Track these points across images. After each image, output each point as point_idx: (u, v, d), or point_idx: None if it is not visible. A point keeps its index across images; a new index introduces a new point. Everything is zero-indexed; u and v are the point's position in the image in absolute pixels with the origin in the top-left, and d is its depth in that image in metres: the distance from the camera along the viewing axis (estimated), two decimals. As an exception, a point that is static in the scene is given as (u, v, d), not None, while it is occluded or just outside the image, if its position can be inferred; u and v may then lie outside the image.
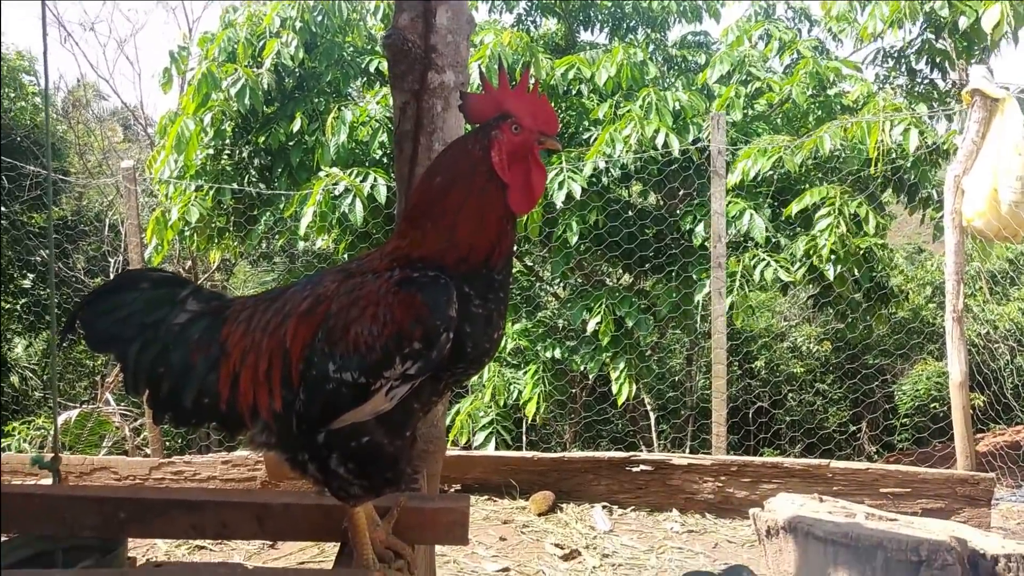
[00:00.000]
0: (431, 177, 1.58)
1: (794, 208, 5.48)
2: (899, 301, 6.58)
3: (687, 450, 6.91)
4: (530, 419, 5.78)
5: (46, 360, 9.49)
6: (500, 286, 1.55)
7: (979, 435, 6.32)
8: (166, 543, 4.05)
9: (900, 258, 9.91)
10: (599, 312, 5.68)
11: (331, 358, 1.47)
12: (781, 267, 5.45)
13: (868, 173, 5.65)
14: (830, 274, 5.32)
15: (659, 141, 5.51)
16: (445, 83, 2.40)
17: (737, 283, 5.45)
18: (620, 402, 5.71)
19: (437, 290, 1.46)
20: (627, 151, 5.59)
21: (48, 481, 3.56)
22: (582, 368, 5.94)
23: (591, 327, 5.70)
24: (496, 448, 5.53)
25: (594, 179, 5.85)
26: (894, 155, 5.51)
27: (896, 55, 7.36)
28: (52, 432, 5.78)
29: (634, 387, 5.68)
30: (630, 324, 5.65)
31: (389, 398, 1.49)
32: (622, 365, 5.66)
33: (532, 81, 1.60)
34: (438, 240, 1.51)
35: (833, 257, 5.28)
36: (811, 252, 5.43)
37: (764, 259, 5.50)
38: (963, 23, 6.03)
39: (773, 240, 5.71)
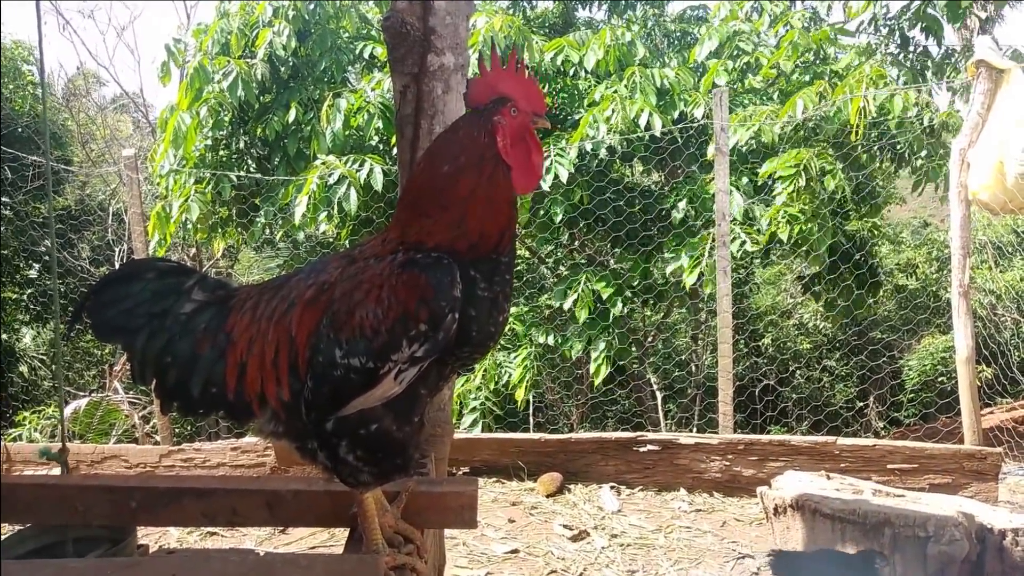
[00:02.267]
0: (436, 165, 1.56)
1: (766, 174, 5.46)
2: (888, 286, 6.54)
3: (694, 429, 6.93)
4: (519, 403, 5.75)
5: (54, 350, 9.53)
6: (506, 269, 1.56)
7: (986, 409, 6.31)
8: (178, 530, 4.09)
9: (906, 234, 9.88)
10: (576, 291, 5.68)
11: (337, 344, 1.47)
12: (748, 235, 5.42)
13: (849, 140, 5.59)
14: (784, 235, 5.28)
15: (642, 121, 5.49)
16: (445, 65, 2.38)
17: (706, 256, 5.43)
18: (596, 383, 5.69)
19: (441, 271, 1.46)
20: (611, 131, 5.56)
21: (56, 472, 3.59)
22: (569, 350, 5.90)
23: (568, 303, 5.70)
24: (482, 430, 5.53)
25: (585, 160, 5.84)
26: (878, 119, 5.46)
27: (889, 23, 7.30)
28: (60, 422, 5.81)
29: (607, 366, 5.63)
30: (605, 297, 5.62)
31: (398, 381, 1.49)
32: (602, 345, 5.64)
33: (521, 61, 1.60)
34: (448, 228, 1.51)
35: (790, 218, 5.23)
36: (772, 220, 5.39)
37: (734, 231, 5.49)
38: None
39: (751, 215, 5.68)
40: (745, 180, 5.63)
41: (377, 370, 1.46)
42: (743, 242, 5.39)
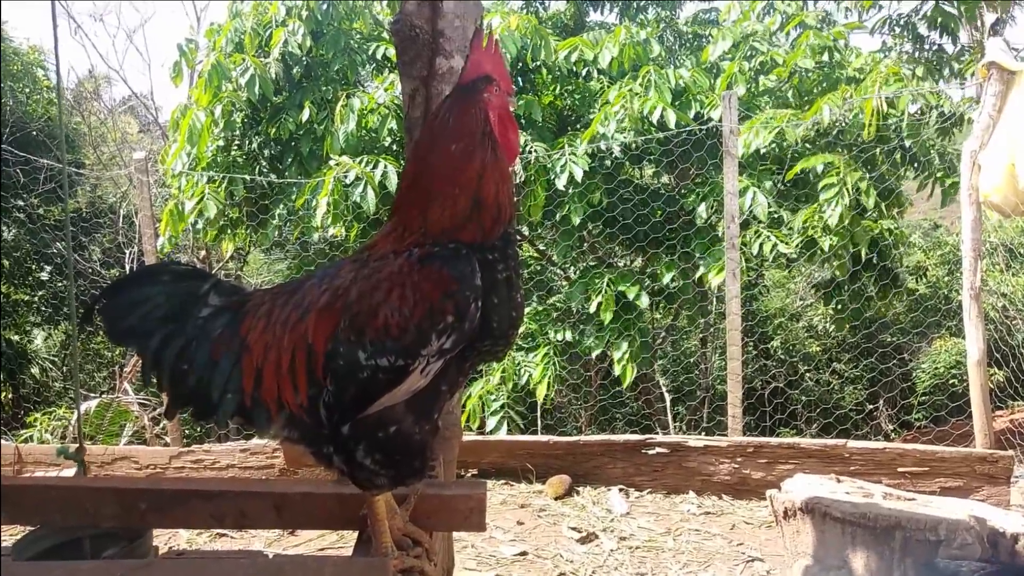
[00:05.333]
0: (444, 147, 1.56)
1: (798, 169, 5.44)
2: (904, 289, 6.51)
3: (703, 432, 6.91)
4: (541, 402, 5.74)
5: (65, 351, 9.58)
6: (515, 241, 1.59)
7: (998, 412, 6.27)
8: (188, 531, 4.09)
9: (917, 236, 9.83)
10: (599, 291, 5.67)
11: (360, 346, 1.47)
12: (780, 240, 5.42)
13: (866, 141, 5.57)
14: (825, 244, 5.29)
15: (655, 117, 5.48)
16: (454, 68, 2.38)
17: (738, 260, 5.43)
18: (625, 384, 5.69)
19: (461, 261, 1.47)
20: (622, 130, 5.56)
21: (72, 471, 3.61)
22: (588, 350, 5.90)
23: (593, 306, 5.69)
24: (508, 432, 5.52)
25: (596, 160, 5.83)
26: (891, 121, 5.44)
27: (902, 22, 7.26)
28: (75, 422, 5.85)
29: (634, 368, 5.62)
30: (631, 297, 5.62)
31: (424, 375, 1.49)
32: (624, 346, 5.63)
33: (497, 42, 1.63)
34: (467, 207, 1.52)
35: (835, 231, 5.24)
36: (809, 224, 5.39)
37: (763, 233, 5.48)
38: None
39: (776, 216, 5.67)
40: (768, 184, 5.60)
41: (407, 367, 1.46)
42: (774, 244, 5.39)
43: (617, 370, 5.68)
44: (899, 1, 6.90)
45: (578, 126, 6.38)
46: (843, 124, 5.70)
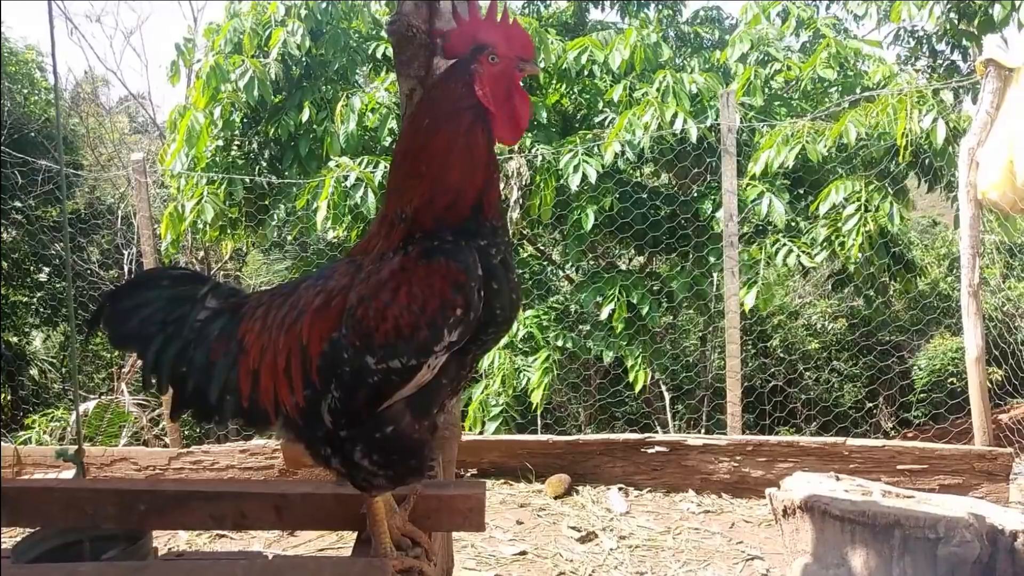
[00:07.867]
0: (416, 123, 1.55)
1: (821, 208, 5.41)
2: (912, 278, 6.50)
3: (702, 430, 6.91)
4: (535, 407, 5.72)
5: (64, 353, 9.58)
6: (503, 231, 1.55)
7: (997, 410, 6.27)
8: (187, 532, 4.10)
9: (914, 233, 9.83)
10: (612, 298, 5.65)
11: (368, 351, 1.44)
12: (803, 252, 5.41)
13: (896, 161, 5.53)
14: (851, 267, 5.30)
15: (677, 126, 5.44)
16: (451, 68, 2.38)
17: (762, 271, 5.41)
18: (637, 389, 5.68)
19: (462, 252, 1.45)
20: (646, 134, 5.53)
21: (71, 473, 3.61)
22: (595, 354, 5.88)
23: (605, 313, 5.67)
24: (501, 432, 5.51)
25: (610, 164, 5.81)
26: (919, 144, 5.40)
27: (918, 36, 7.22)
28: (73, 424, 5.84)
29: (649, 373, 5.62)
30: (644, 311, 5.61)
31: (431, 369, 1.48)
32: (638, 352, 5.62)
33: (504, 9, 1.57)
34: (430, 187, 1.49)
35: (861, 252, 5.24)
36: (834, 237, 5.39)
37: (785, 244, 5.46)
38: (997, 12, 5.94)
39: (792, 224, 5.65)
40: (778, 183, 5.57)
41: (421, 365, 1.45)
42: (798, 255, 5.38)
43: (631, 376, 5.66)
44: (922, 26, 6.79)
45: (590, 125, 6.36)
46: (867, 141, 5.66)
